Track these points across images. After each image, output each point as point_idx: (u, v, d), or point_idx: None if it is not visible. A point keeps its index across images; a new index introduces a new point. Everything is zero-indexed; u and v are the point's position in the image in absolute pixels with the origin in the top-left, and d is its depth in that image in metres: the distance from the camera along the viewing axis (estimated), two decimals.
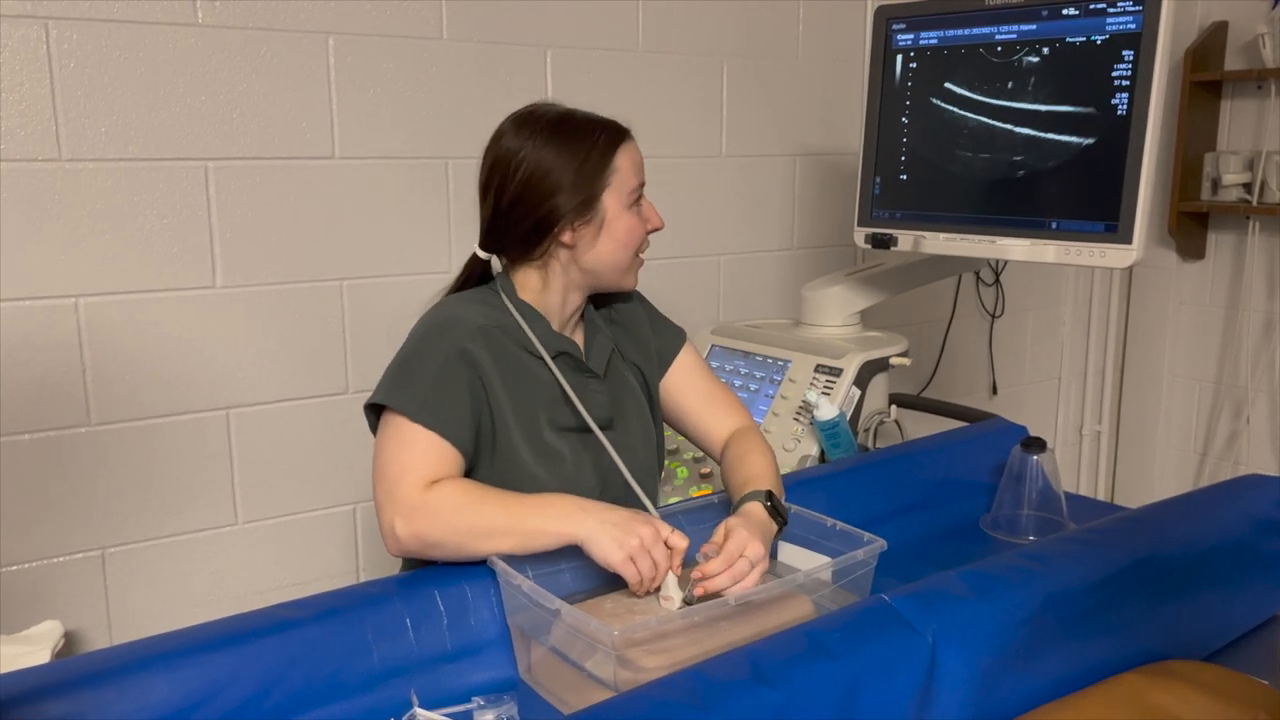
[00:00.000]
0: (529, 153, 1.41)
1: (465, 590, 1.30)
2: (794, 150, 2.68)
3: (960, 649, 1.10)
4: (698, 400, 1.62)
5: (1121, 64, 1.80)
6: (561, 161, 1.40)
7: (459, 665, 1.26)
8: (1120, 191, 1.80)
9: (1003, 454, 1.76)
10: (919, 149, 2.09)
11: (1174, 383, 3.37)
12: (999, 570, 1.21)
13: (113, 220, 1.85)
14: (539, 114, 1.44)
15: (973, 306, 3.16)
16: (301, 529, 2.11)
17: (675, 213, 2.48)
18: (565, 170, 1.40)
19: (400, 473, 1.31)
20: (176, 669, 1.11)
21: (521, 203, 1.41)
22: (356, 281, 2.09)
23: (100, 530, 1.90)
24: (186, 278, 1.92)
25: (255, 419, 2.03)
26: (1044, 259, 1.91)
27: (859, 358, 2.09)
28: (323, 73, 2.00)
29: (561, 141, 1.41)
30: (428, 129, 2.12)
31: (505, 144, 1.43)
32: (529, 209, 1.41)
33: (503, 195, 1.43)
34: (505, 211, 1.43)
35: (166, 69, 1.86)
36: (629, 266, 1.49)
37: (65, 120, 1.79)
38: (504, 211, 1.43)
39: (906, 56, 2.09)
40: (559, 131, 1.42)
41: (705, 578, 1.26)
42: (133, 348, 1.89)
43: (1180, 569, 1.31)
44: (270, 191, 1.98)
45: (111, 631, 1.93)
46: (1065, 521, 1.69)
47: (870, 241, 2.18)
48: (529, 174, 1.40)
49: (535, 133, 1.42)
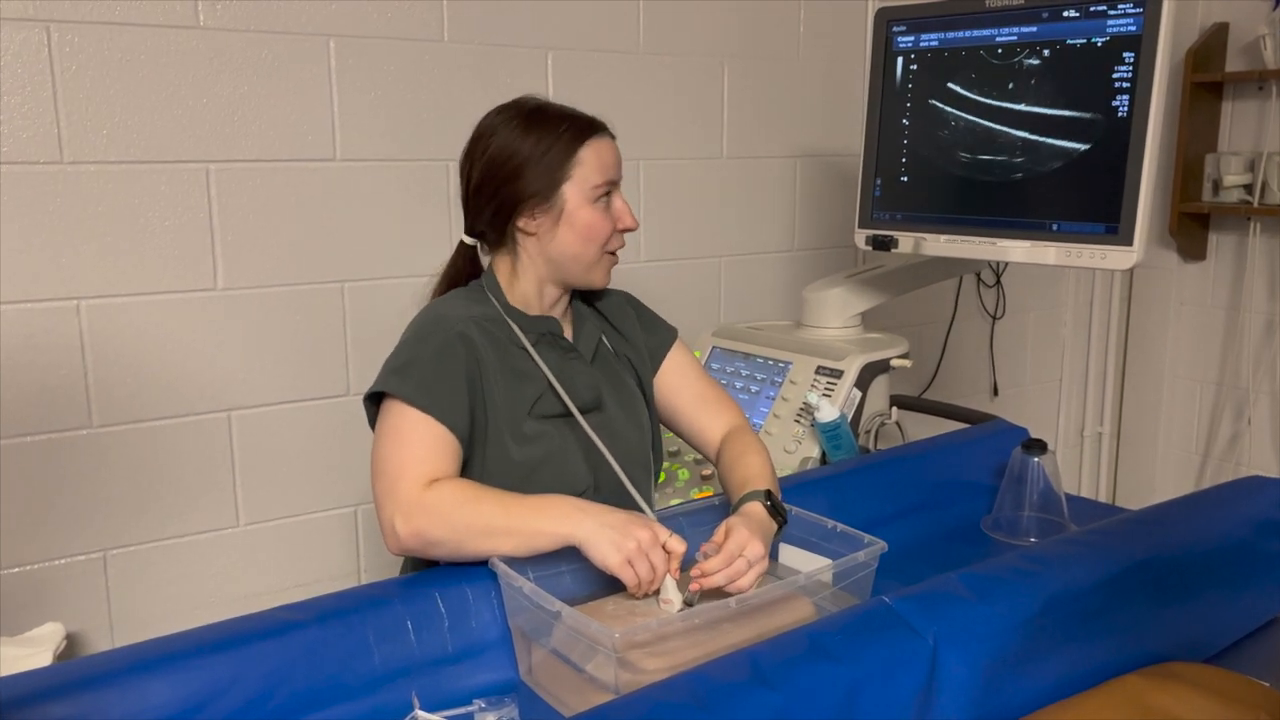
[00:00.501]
0: (499, 137, 1.45)
1: (466, 592, 1.30)
2: (794, 152, 2.68)
3: (961, 651, 1.10)
4: (691, 399, 1.63)
5: (1122, 66, 1.80)
6: (525, 148, 1.43)
7: (460, 667, 1.26)
8: (1121, 193, 1.80)
9: (1004, 456, 1.76)
10: (920, 151, 2.09)
11: (1175, 384, 3.37)
12: (1000, 572, 1.21)
13: (114, 223, 1.85)
14: (520, 104, 1.49)
15: (973, 308, 3.16)
16: (303, 531, 2.11)
17: (676, 214, 2.49)
18: (528, 157, 1.43)
19: (400, 470, 1.32)
20: (178, 671, 1.11)
21: (486, 184, 1.46)
22: (357, 283, 2.10)
23: (102, 532, 1.91)
24: (188, 280, 1.93)
25: (256, 421, 2.03)
26: (1045, 261, 1.91)
27: (860, 359, 2.09)
28: (324, 75, 2.00)
29: (529, 129, 1.44)
30: (428, 131, 2.13)
31: (481, 127, 1.49)
32: (492, 190, 1.46)
33: (471, 175, 1.48)
34: (473, 193, 1.49)
35: (168, 71, 1.86)
36: (594, 261, 1.49)
37: (67, 123, 1.79)
38: (472, 193, 1.49)
39: (907, 58, 2.09)
40: (530, 120, 1.45)
41: (703, 575, 1.26)
42: (134, 350, 1.89)
43: (1182, 571, 1.31)
44: (271, 194, 1.98)
45: (113, 633, 1.93)
46: (1066, 523, 1.69)
47: (871, 243, 2.17)
48: (493, 156, 1.45)
49: (509, 119, 1.46)
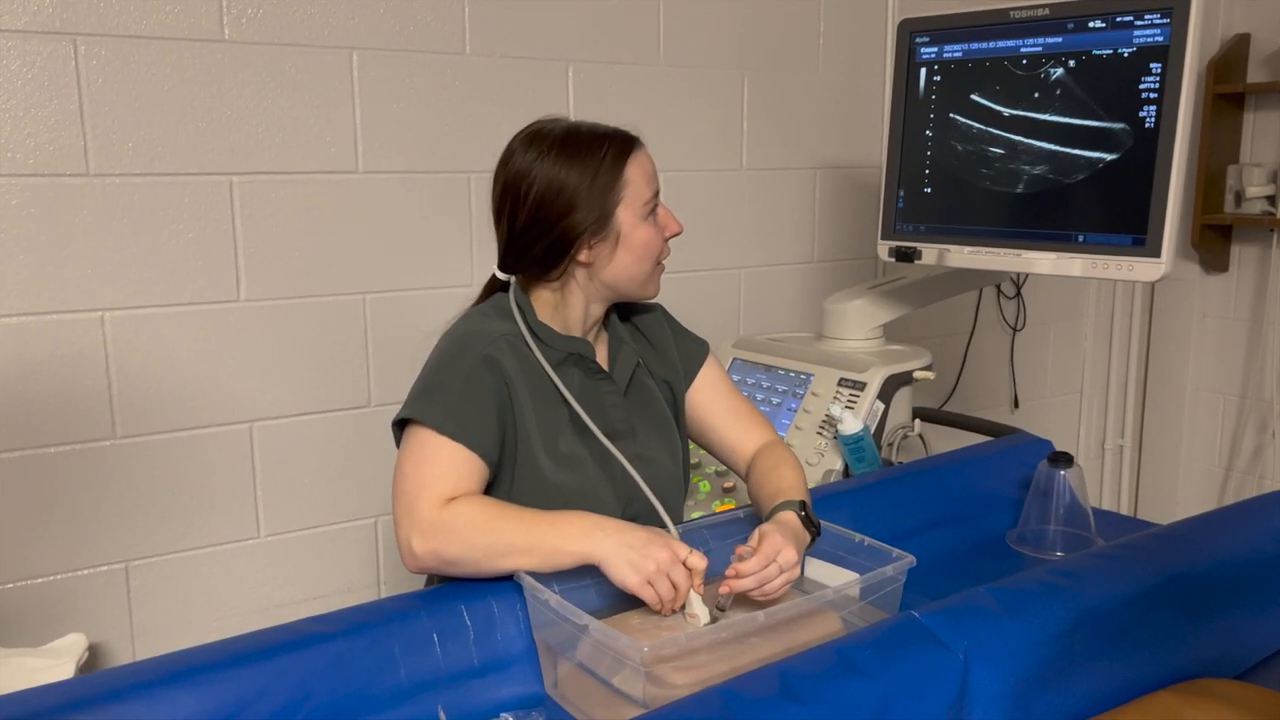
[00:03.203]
0: (539, 172, 1.40)
1: (492, 605, 1.29)
2: (815, 163, 2.68)
3: (992, 666, 1.09)
4: (723, 415, 1.61)
5: (1149, 76, 1.79)
6: (572, 179, 1.39)
7: (486, 681, 1.26)
8: (1149, 204, 1.79)
9: (1028, 468, 1.75)
10: (943, 162, 2.08)
11: (1197, 397, 3.35)
12: (1030, 586, 1.20)
13: (138, 234, 1.86)
14: (545, 131, 1.43)
15: (993, 320, 3.15)
16: (323, 542, 2.12)
17: (696, 226, 2.49)
18: (577, 188, 1.39)
19: (418, 488, 1.31)
20: (205, 684, 1.12)
21: (535, 225, 1.41)
22: (379, 295, 2.10)
23: (124, 543, 1.91)
24: (211, 292, 1.94)
25: (278, 432, 2.03)
26: (1070, 272, 1.90)
27: (883, 371, 2.08)
28: (347, 87, 2.01)
29: (570, 158, 1.40)
30: (450, 143, 2.13)
31: (515, 165, 1.42)
32: (543, 230, 1.40)
33: (516, 218, 1.42)
34: (520, 234, 1.42)
35: (193, 84, 1.88)
36: (649, 277, 1.48)
37: (93, 135, 1.80)
38: (519, 234, 1.42)
39: (930, 69, 2.09)
40: (567, 148, 1.40)
41: (737, 576, 1.26)
42: (157, 361, 1.90)
43: (1213, 585, 1.30)
44: (294, 205, 1.99)
45: (134, 644, 1.94)
46: (1093, 537, 1.68)
47: (894, 255, 2.17)
48: (540, 195, 1.39)
49: (544, 151, 1.40)
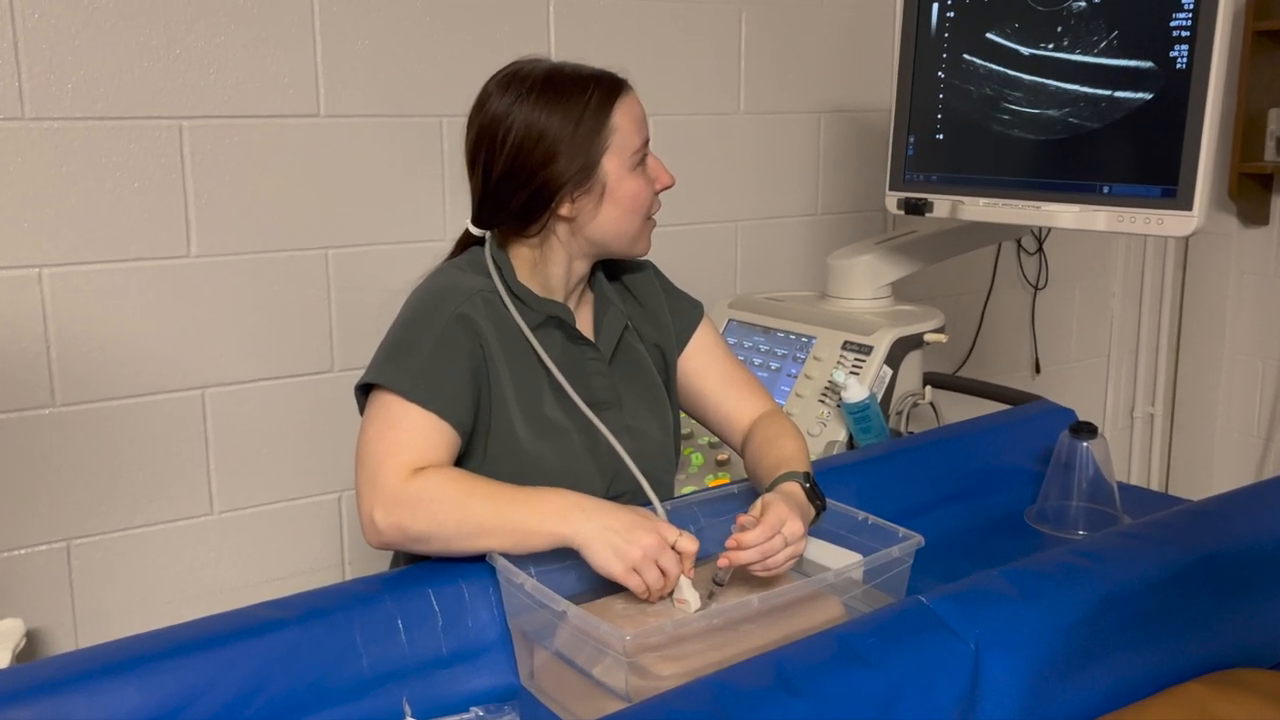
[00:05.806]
0: (517, 118, 1.37)
1: (462, 589, 1.29)
2: (818, 107, 2.66)
3: (1007, 655, 1.09)
4: (718, 382, 1.60)
5: (1181, 13, 1.77)
6: (553, 125, 1.36)
7: (455, 671, 1.25)
8: (1180, 153, 1.78)
9: (1049, 440, 1.75)
10: (956, 106, 2.06)
11: (1235, 361, 3.34)
12: (1048, 568, 1.20)
13: (79, 184, 1.84)
14: (524, 72, 1.40)
15: (1013, 277, 3.14)
16: (282, 519, 2.11)
17: (688, 175, 2.45)
18: (558, 135, 1.36)
19: (383, 456, 1.29)
20: (150, 674, 1.11)
21: (513, 175, 1.38)
22: (343, 250, 2.09)
23: (65, 520, 1.91)
24: (159, 246, 1.92)
25: (233, 399, 2.02)
26: (1094, 226, 1.89)
27: (890, 334, 2.07)
28: (307, 23, 1.98)
29: (552, 102, 1.37)
30: (421, 85, 2.11)
31: (491, 109, 1.40)
32: (521, 181, 1.38)
33: (492, 167, 1.40)
34: (496, 185, 1.40)
35: (138, 18, 1.85)
36: (639, 233, 1.46)
37: (29, 75, 1.78)
38: (495, 185, 1.40)
39: (943, 5, 2.06)
40: (547, 91, 1.38)
41: (739, 547, 1.24)
42: (101, 322, 1.89)
43: (1248, 568, 1.30)
44: (250, 152, 1.97)
45: (77, 630, 1.94)
46: (1119, 514, 1.68)
47: (903, 207, 2.16)
48: (518, 142, 1.37)
49: (522, 94, 1.38)
